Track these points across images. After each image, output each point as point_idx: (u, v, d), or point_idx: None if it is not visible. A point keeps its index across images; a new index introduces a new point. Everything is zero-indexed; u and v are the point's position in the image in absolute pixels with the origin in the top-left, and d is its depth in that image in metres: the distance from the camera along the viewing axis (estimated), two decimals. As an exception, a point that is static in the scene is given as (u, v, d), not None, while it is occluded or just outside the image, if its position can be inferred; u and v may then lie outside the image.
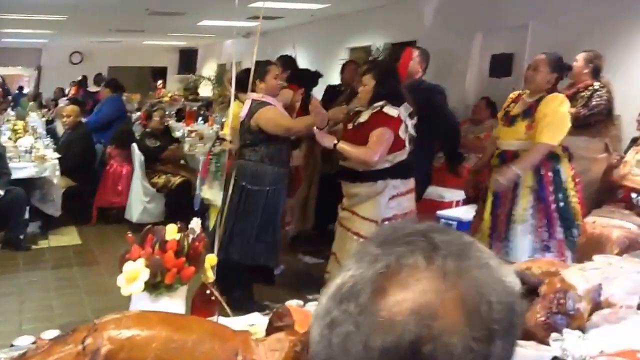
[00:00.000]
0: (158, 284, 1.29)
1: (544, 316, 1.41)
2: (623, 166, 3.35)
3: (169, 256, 1.29)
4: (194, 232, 1.37)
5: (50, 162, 5.02)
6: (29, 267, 4.39)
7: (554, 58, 2.88)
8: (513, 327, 0.56)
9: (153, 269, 1.27)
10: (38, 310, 3.58)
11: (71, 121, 5.55)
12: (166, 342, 0.99)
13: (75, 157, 5.36)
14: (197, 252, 1.35)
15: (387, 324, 0.51)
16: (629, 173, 3.30)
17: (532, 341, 1.28)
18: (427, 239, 0.55)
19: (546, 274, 1.52)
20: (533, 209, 2.84)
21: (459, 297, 0.53)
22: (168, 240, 1.32)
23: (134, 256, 1.31)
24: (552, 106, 2.76)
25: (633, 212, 3.18)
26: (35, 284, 4.06)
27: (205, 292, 1.33)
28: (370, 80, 2.84)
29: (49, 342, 1.06)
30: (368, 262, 0.55)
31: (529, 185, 2.84)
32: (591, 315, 1.43)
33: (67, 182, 5.29)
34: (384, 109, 2.78)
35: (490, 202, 2.93)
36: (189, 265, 1.32)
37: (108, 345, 0.97)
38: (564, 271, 1.47)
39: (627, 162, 3.36)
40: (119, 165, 5.63)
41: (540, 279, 1.50)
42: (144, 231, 1.38)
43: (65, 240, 5.08)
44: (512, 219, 2.86)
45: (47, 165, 4.99)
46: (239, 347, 0.99)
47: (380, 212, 2.81)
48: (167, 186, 5.33)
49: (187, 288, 1.35)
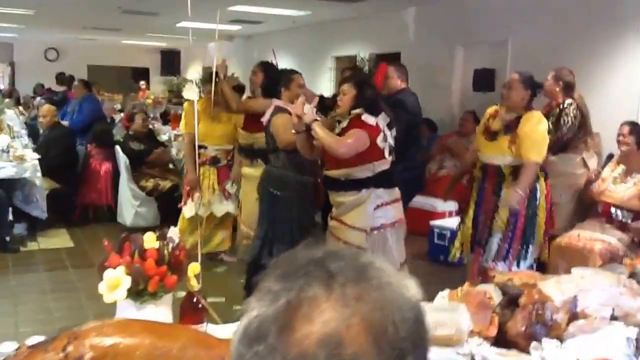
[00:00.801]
0: (141, 291, 1.28)
1: (524, 326, 1.45)
2: (601, 182, 3.45)
3: (150, 264, 1.28)
4: (172, 241, 1.36)
5: (30, 163, 4.91)
6: (20, 270, 4.30)
7: (527, 76, 3.02)
8: (422, 339, 0.57)
9: (135, 277, 1.26)
10: (35, 313, 3.51)
11: (48, 121, 5.47)
12: (151, 349, 0.98)
13: (56, 158, 5.26)
14: (179, 260, 1.34)
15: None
16: (606, 189, 3.40)
17: (514, 350, 1.31)
18: (323, 268, 0.55)
19: (525, 285, 1.56)
20: (508, 221, 2.97)
21: (363, 321, 0.53)
22: (147, 249, 1.31)
23: (113, 264, 1.30)
24: (532, 125, 2.90)
25: (613, 225, 3.30)
26: (29, 287, 3.99)
27: (193, 299, 1.31)
28: (351, 89, 2.86)
29: (28, 348, 1.04)
30: (270, 300, 0.55)
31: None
32: (568, 326, 1.47)
33: (51, 184, 5.20)
34: (362, 116, 2.81)
35: (472, 210, 3.07)
36: (172, 273, 1.31)
37: (91, 352, 0.97)
38: (541, 284, 1.52)
39: (604, 179, 3.46)
40: (99, 164, 5.63)
41: (521, 289, 1.54)
42: (121, 239, 1.37)
43: (56, 242, 4.98)
44: (492, 228, 2.99)
45: (27, 165, 4.88)
46: (225, 354, 0.99)
47: (367, 221, 2.83)
48: (157, 190, 5.28)
49: (172, 296, 1.34)
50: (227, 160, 4.11)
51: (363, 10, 7.16)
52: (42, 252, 4.75)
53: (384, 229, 2.86)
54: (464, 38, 6.20)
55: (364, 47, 7.71)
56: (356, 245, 2.81)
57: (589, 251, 3.14)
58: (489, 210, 2.98)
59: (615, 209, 3.32)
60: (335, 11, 7.33)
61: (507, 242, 2.95)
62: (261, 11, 7.63)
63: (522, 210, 2.92)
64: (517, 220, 2.93)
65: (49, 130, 5.50)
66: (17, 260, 4.48)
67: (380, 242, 2.87)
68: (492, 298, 1.56)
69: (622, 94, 4.63)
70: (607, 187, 3.41)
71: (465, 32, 6.12)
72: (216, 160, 4.05)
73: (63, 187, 5.31)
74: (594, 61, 4.86)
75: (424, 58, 6.70)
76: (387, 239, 2.89)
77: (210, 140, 3.97)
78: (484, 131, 3.08)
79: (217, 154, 4.05)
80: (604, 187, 3.42)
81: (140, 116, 5.54)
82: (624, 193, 3.32)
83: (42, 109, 5.72)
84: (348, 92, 2.85)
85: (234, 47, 11.82)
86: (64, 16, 8.85)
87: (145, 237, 1.34)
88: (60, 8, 7.93)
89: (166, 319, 1.34)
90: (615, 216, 3.31)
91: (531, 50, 5.31)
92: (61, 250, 4.78)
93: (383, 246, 2.88)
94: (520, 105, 2.96)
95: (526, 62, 5.21)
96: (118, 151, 5.34)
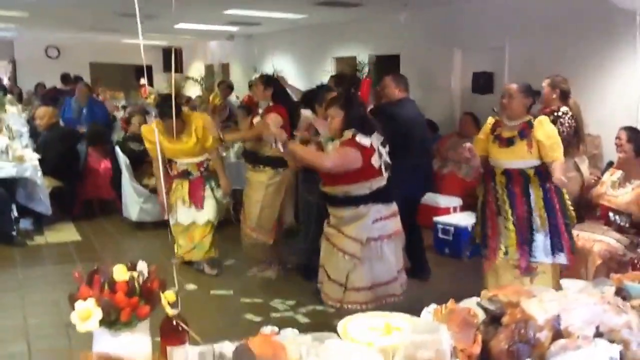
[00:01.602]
0: (114, 321, 1.28)
1: (507, 345, 1.46)
2: (600, 186, 3.49)
3: (120, 297, 1.27)
4: (142, 275, 1.35)
5: (29, 163, 4.98)
6: (28, 263, 4.38)
7: (526, 85, 3.11)
8: None
9: (105, 309, 1.26)
10: (43, 305, 3.57)
11: (45, 123, 5.51)
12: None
13: (55, 159, 5.32)
14: (151, 291, 1.33)
15: None
16: (604, 193, 3.44)
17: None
18: None
19: (509, 304, 1.57)
20: (548, 218, 3.07)
21: None
22: (117, 281, 1.30)
23: (83, 296, 1.28)
24: (547, 128, 3.04)
25: (611, 228, 3.34)
26: (36, 280, 4.05)
27: (172, 322, 1.32)
28: (338, 111, 2.86)
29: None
30: None
31: (540, 198, 3.06)
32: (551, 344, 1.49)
33: (53, 182, 5.28)
34: (355, 137, 2.81)
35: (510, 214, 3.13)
36: (145, 303, 1.30)
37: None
38: (524, 302, 1.53)
39: (603, 183, 3.50)
40: (97, 162, 5.77)
41: (503, 309, 1.56)
42: (90, 272, 1.34)
43: (63, 236, 5.07)
44: (532, 227, 3.07)
45: (27, 166, 4.95)
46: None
47: (365, 232, 2.85)
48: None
49: (148, 322, 1.33)
50: (199, 171, 4.10)
51: (358, 15, 7.17)
52: (49, 246, 4.86)
53: (381, 240, 2.89)
54: (462, 42, 6.23)
55: (363, 49, 7.72)
56: (350, 254, 2.86)
57: (588, 251, 3.19)
58: (524, 212, 3.06)
59: (613, 213, 3.36)
60: (331, 15, 7.34)
61: (556, 236, 3.04)
62: (258, 14, 7.64)
63: (557, 203, 3.04)
64: (556, 215, 3.03)
65: (47, 131, 5.54)
66: (24, 254, 4.59)
67: (377, 251, 2.90)
68: (476, 315, 1.57)
69: (621, 98, 4.65)
70: (605, 191, 3.44)
71: (463, 37, 6.16)
72: (187, 173, 4.07)
73: (65, 184, 5.40)
74: (591, 66, 4.87)
75: (422, 60, 6.72)
76: (384, 249, 2.92)
77: (179, 155, 4.04)
78: (495, 140, 3.13)
79: (187, 167, 4.08)
80: (603, 191, 3.44)
81: (137, 118, 5.56)
82: (622, 198, 3.34)
83: (39, 111, 5.75)
84: (336, 115, 2.86)
85: (235, 45, 11.82)
86: (59, 18, 8.84)
87: (115, 269, 1.33)
88: (54, 11, 7.91)
89: (144, 344, 1.33)
90: (613, 220, 3.35)
91: (528, 56, 5.35)
92: (68, 244, 4.88)
93: (380, 255, 2.92)
94: (522, 113, 3.06)
95: (523, 67, 5.25)
96: (118, 152, 5.39)
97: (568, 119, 3.59)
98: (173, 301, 1.35)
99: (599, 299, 1.60)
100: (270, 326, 1.54)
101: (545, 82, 3.74)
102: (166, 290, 1.38)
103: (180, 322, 1.33)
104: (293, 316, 3.47)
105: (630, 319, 1.55)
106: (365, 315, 1.67)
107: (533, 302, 1.54)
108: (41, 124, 5.55)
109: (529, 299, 1.58)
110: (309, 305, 3.58)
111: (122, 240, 5.16)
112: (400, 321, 1.59)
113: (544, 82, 3.74)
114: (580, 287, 1.83)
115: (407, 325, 1.54)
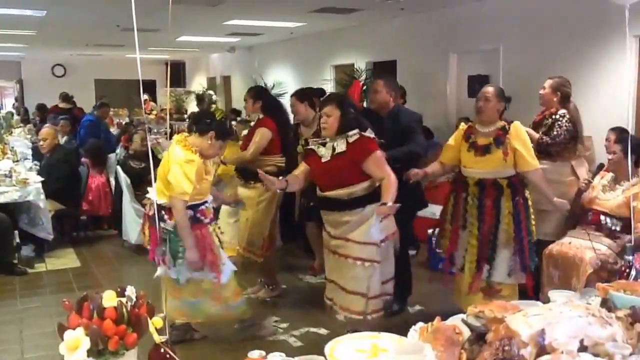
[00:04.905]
0: (102, 350, 1.28)
1: (491, 362, 1.47)
2: (591, 190, 3.44)
3: (108, 324, 1.28)
4: (131, 300, 1.36)
5: (33, 186, 4.98)
6: (27, 293, 4.34)
7: (499, 89, 3.12)
8: None
9: (93, 338, 1.26)
10: (41, 338, 3.52)
11: (48, 144, 5.49)
12: None
13: (58, 181, 5.32)
14: (139, 318, 1.33)
15: None
16: (595, 197, 3.39)
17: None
18: None
19: (493, 320, 1.58)
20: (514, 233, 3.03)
21: None
22: (106, 308, 1.31)
23: (72, 325, 1.29)
24: (522, 135, 3.01)
25: (603, 233, 3.30)
26: (35, 310, 4.01)
27: (161, 350, 1.33)
28: (334, 110, 2.87)
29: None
30: None
31: (509, 212, 3.02)
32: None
33: (55, 205, 5.29)
34: (365, 133, 2.85)
35: (476, 228, 3.09)
36: (132, 331, 1.31)
37: None
38: (508, 318, 1.53)
39: (594, 187, 3.45)
40: (92, 178, 5.81)
41: (487, 326, 1.56)
42: (80, 298, 1.36)
43: (63, 263, 5.04)
44: (496, 243, 3.03)
45: (30, 189, 4.96)
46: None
47: (376, 234, 2.79)
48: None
49: (136, 350, 1.34)
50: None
51: (356, 21, 7.21)
52: (49, 273, 4.82)
53: (387, 241, 2.88)
54: (457, 46, 6.24)
55: (361, 56, 7.77)
56: (369, 260, 2.80)
57: (579, 259, 3.16)
58: (491, 226, 3.01)
59: (604, 217, 3.31)
60: (329, 23, 7.39)
61: (518, 254, 3.01)
62: (257, 24, 7.72)
63: (524, 219, 3.00)
64: (522, 231, 2.98)
65: (49, 153, 5.52)
66: (25, 283, 4.55)
67: (386, 253, 2.89)
68: (461, 333, 1.58)
69: (612, 99, 4.63)
70: (596, 195, 3.40)
71: (457, 41, 6.17)
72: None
73: (67, 208, 5.42)
74: (584, 67, 4.86)
75: (419, 65, 6.74)
76: (390, 250, 2.93)
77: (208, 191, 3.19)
78: (470, 148, 3.10)
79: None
80: (594, 195, 3.41)
81: (139, 136, 5.59)
82: (613, 201, 3.31)
83: (42, 132, 5.71)
84: (332, 114, 2.86)
85: (236, 58, 11.91)
86: (66, 35, 9.03)
87: (105, 295, 1.35)
88: (61, 28, 8.11)
89: (132, 373, 1.34)
90: (604, 224, 3.30)
91: (522, 58, 5.34)
92: (68, 271, 4.85)
93: (387, 256, 2.91)
94: (495, 118, 3.04)
95: (517, 69, 5.25)
96: (119, 171, 5.41)
97: (565, 122, 3.57)
98: (160, 327, 1.36)
99: (584, 310, 1.60)
100: (258, 351, 1.55)
101: (547, 83, 3.69)
102: (154, 315, 1.39)
103: (168, 349, 1.34)
104: (286, 339, 3.41)
105: (615, 331, 1.55)
106: (353, 336, 1.68)
107: (517, 317, 1.54)
108: (44, 145, 5.51)
109: (514, 313, 1.59)
110: (302, 327, 3.52)
111: (121, 266, 5.13)
112: (387, 342, 1.60)
113: (546, 82, 3.70)
114: (566, 298, 1.83)
115: (394, 346, 1.55)
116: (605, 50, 4.68)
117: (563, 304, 1.63)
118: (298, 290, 4.28)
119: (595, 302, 1.75)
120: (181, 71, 15.31)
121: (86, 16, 7.06)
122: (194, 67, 15.06)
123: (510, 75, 5.20)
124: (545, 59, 5.08)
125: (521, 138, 2.99)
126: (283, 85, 9.74)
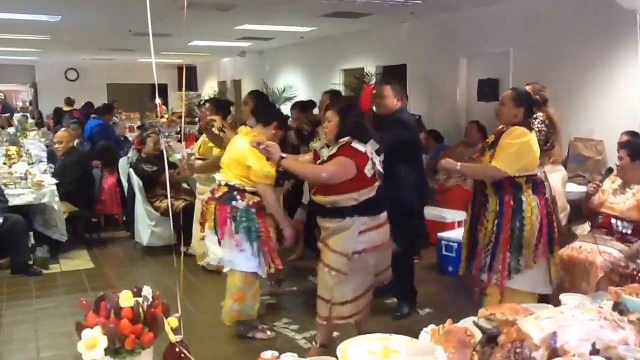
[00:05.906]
0: (119, 349, 1.31)
1: (502, 365, 1.48)
2: (601, 193, 3.46)
3: (125, 324, 1.30)
4: (147, 300, 1.38)
5: (47, 189, 5.06)
6: (42, 293, 4.41)
7: (519, 93, 3.03)
8: None
9: (110, 337, 1.28)
10: (56, 338, 3.58)
11: (63, 147, 5.56)
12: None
13: (72, 183, 5.38)
14: (154, 317, 1.36)
15: None
16: (605, 201, 3.41)
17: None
18: None
19: (505, 322, 1.59)
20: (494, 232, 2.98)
21: None
22: (123, 307, 1.34)
23: (90, 324, 1.32)
24: (510, 137, 2.92)
25: (614, 237, 3.30)
26: (50, 310, 4.08)
27: (176, 349, 1.36)
28: (334, 116, 2.90)
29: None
30: None
31: (493, 209, 2.98)
32: (547, 363, 1.50)
33: (69, 207, 5.36)
34: (352, 143, 2.84)
35: (469, 224, 3.14)
36: (148, 330, 1.33)
37: None
38: (520, 321, 1.54)
39: (604, 191, 3.46)
40: (104, 178, 5.90)
41: (499, 329, 1.57)
42: (98, 298, 1.39)
43: (77, 264, 5.12)
44: (478, 239, 3.03)
45: (45, 191, 5.04)
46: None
47: (349, 245, 2.84)
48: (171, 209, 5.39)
49: (152, 349, 1.36)
50: None
51: (366, 25, 7.24)
52: (63, 274, 4.89)
53: (365, 253, 2.88)
54: (467, 50, 6.24)
55: (370, 60, 7.78)
56: (336, 269, 2.85)
57: (590, 264, 3.15)
58: (478, 223, 3.03)
59: (615, 220, 3.32)
60: (339, 27, 7.43)
61: (490, 253, 2.95)
62: (268, 28, 7.78)
63: (507, 221, 2.91)
64: (501, 231, 2.91)
65: (64, 156, 5.59)
66: (39, 283, 4.63)
67: (360, 265, 2.89)
68: (473, 335, 1.59)
69: (623, 103, 4.60)
70: (607, 198, 3.41)
71: (467, 44, 6.17)
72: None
73: (80, 209, 5.49)
74: (594, 71, 4.85)
75: (429, 69, 6.75)
76: (368, 262, 2.92)
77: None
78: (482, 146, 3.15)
79: None
80: (604, 199, 3.42)
81: (152, 139, 5.64)
82: (623, 204, 3.31)
83: (57, 135, 5.80)
84: (332, 119, 2.90)
85: (247, 62, 11.99)
86: (79, 40, 9.16)
87: (122, 295, 1.37)
88: (75, 33, 8.23)
89: (149, 371, 1.36)
90: (615, 227, 3.31)
91: (532, 61, 5.34)
92: (81, 272, 4.92)
93: (364, 269, 2.92)
94: (512, 122, 2.98)
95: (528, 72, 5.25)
96: (132, 174, 5.48)
97: (538, 123, 3.61)
98: (176, 327, 1.38)
99: (595, 314, 1.60)
100: (271, 351, 1.58)
101: (527, 88, 3.68)
102: (170, 315, 1.42)
103: (183, 349, 1.36)
104: (296, 340, 3.45)
105: (627, 334, 1.55)
106: (365, 337, 1.70)
107: (529, 320, 1.55)
108: (60, 148, 5.59)
109: (526, 316, 1.60)
110: (312, 329, 3.51)
111: (133, 267, 5.19)
112: (398, 343, 1.62)
113: (526, 87, 3.70)
114: (578, 301, 1.83)
115: (405, 347, 1.57)
116: (616, 54, 4.67)
117: (575, 307, 1.64)
118: (308, 292, 4.31)
119: (607, 306, 1.75)
120: (192, 75, 15.44)
121: (99, 21, 7.17)
122: (205, 71, 15.17)
123: (520, 78, 5.19)
124: (555, 63, 5.07)
125: (507, 139, 2.92)
126: (293, 89, 9.82)
